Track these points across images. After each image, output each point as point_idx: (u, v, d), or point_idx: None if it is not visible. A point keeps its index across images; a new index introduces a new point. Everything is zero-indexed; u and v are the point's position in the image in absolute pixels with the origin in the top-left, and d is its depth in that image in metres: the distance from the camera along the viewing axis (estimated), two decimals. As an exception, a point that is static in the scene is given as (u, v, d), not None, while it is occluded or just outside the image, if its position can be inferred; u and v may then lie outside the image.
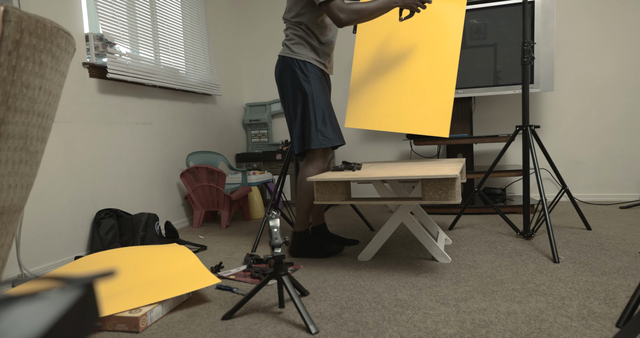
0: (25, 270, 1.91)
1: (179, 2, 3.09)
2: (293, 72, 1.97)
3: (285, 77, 2.00)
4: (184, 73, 3.12)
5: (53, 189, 2.08)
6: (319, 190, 1.82)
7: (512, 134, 2.23)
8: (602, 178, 3.30)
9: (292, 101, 2.01)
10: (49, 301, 0.31)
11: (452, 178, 1.61)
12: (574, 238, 2.17)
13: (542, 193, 2.00)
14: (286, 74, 1.99)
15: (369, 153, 3.80)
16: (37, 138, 0.92)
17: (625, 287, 1.48)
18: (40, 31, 0.83)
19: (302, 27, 1.97)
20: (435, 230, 2.24)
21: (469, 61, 3.04)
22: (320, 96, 1.99)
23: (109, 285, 1.60)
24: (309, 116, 1.96)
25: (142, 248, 1.88)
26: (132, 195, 2.61)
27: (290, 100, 2.01)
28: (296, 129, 2.00)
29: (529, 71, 2.12)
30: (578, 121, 3.32)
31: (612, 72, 3.23)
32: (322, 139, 1.96)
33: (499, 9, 2.94)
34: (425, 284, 1.62)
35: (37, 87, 0.87)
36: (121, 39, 2.46)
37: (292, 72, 1.98)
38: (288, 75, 1.99)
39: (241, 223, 3.09)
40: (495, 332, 1.20)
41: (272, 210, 1.50)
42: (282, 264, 1.38)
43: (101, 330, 1.37)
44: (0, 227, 0.87)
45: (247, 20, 4.08)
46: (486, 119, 3.51)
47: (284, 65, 1.99)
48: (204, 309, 1.50)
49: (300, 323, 1.33)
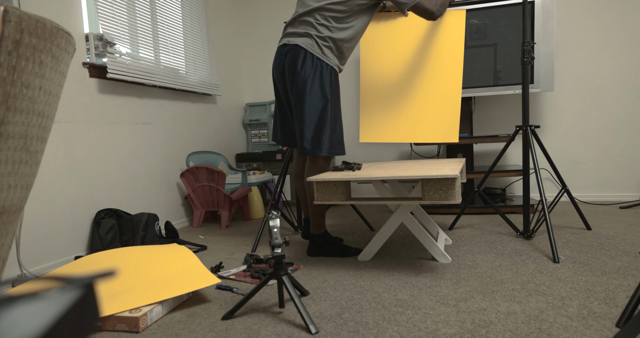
0: (25, 270, 1.91)
1: (179, 2, 3.09)
2: (322, 75, 1.97)
3: (312, 75, 1.97)
4: (184, 73, 3.12)
5: (53, 189, 2.08)
6: (319, 190, 1.82)
7: (512, 134, 2.23)
8: (602, 178, 3.30)
9: (312, 100, 1.98)
10: (49, 301, 0.31)
11: (452, 178, 1.61)
12: (574, 238, 2.17)
13: (542, 193, 2.00)
14: (314, 73, 1.97)
15: (369, 153, 3.80)
16: (37, 138, 0.92)
17: (625, 287, 1.48)
18: (40, 31, 0.83)
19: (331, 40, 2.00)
20: (435, 230, 2.24)
21: (469, 61, 3.04)
22: (338, 104, 2.05)
23: (109, 285, 1.60)
24: (326, 122, 1.97)
25: (142, 248, 1.88)
26: (132, 195, 2.61)
27: (311, 99, 1.98)
28: (309, 130, 1.98)
29: (529, 71, 2.12)
30: (578, 121, 3.32)
31: (612, 72, 3.23)
32: (334, 148, 2.01)
33: (499, 9, 2.94)
34: (425, 284, 1.62)
35: (37, 87, 0.87)
36: (121, 39, 2.46)
37: (321, 75, 1.97)
38: (317, 76, 1.97)
39: (241, 223, 3.09)
40: (495, 332, 1.20)
41: (272, 210, 1.50)
42: (282, 264, 1.39)
43: (101, 330, 1.37)
44: (0, 227, 0.87)
45: (247, 20, 4.08)
46: (486, 119, 3.51)
47: (313, 63, 1.97)
48: (204, 309, 1.50)
49: (300, 323, 1.33)
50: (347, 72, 3.81)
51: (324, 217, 2.09)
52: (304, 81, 1.97)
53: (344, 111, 3.84)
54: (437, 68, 2.30)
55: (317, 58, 1.97)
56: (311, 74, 1.96)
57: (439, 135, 2.30)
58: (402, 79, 2.36)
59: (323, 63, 1.97)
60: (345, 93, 3.83)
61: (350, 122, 3.84)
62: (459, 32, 2.25)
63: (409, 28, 2.35)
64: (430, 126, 2.32)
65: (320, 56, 1.97)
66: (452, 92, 2.27)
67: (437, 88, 2.31)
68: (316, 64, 1.97)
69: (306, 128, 1.98)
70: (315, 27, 1.97)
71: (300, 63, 1.96)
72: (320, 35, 1.97)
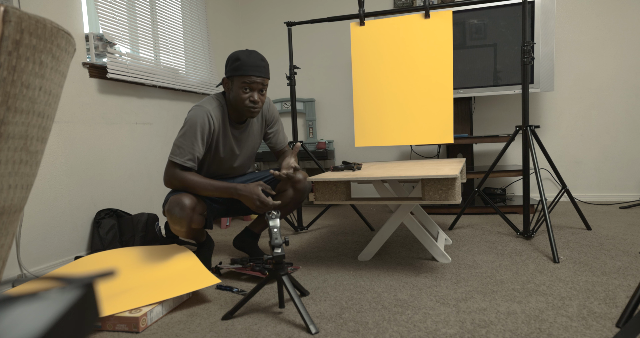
0: (25, 270, 1.91)
1: (179, 2, 3.09)
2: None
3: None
4: (184, 73, 3.12)
5: (53, 189, 2.08)
6: (319, 190, 1.82)
7: (512, 134, 2.23)
8: (602, 178, 3.30)
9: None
10: (49, 301, 0.31)
11: (452, 178, 1.61)
12: (574, 238, 2.17)
13: (542, 193, 2.00)
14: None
15: (369, 153, 3.80)
16: (37, 138, 0.92)
17: (625, 287, 1.48)
18: (41, 31, 0.83)
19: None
20: (435, 230, 2.24)
21: (469, 61, 3.04)
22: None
23: (109, 285, 1.60)
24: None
25: (142, 248, 1.88)
26: (132, 195, 2.61)
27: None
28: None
29: (529, 71, 2.12)
30: (578, 121, 3.32)
31: (612, 72, 3.23)
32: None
33: (499, 9, 2.94)
34: (425, 284, 1.62)
35: (37, 88, 0.87)
36: (121, 39, 2.46)
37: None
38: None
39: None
40: (495, 332, 1.20)
41: (272, 210, 1.50)
42: (282, 264, 1.38)
43: (101, 330, 1.37)
44: (0, 227, 0.87)
45: (247, 20, 4.08)
46: (486, 119, 3.51)
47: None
48: (204, 309, 1.50)
49: (300, 323, 1.33)
50: (341, 75, 3.81)
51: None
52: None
53: (342, 113, 3.84)
54: (427, 70, 2.35)
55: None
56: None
57: (434, 136, 2.35)
58: (394, 82, 2.41)
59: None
60: (342, 96, 3.83)
61: (350, 123, 3.84)
62: (447, 33, 2.30)
63: (397, 31, 2.38)
64: (424, 127, 2.37)
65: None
66: (444, 93, 2.32)
67: (428, 89, 2.35)
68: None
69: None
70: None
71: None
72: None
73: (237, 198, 1.78)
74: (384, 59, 2.41)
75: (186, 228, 1.77)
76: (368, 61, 2.44)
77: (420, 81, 2.35)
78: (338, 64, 3.83)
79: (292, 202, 1.98)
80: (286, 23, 2.62)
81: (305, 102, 3.84)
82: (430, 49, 2.33)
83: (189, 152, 1.77)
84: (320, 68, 3.88)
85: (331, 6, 3.80)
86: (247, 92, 1.80)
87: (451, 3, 2.38)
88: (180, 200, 1.73)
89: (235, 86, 1.81)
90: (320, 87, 3.89)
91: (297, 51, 3.93)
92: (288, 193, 1.97)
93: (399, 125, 2.41)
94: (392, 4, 3.64)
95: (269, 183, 2.03)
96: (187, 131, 1.78)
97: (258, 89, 1.81)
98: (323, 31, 3.85)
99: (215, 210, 2.01)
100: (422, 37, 2.34)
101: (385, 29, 2.40)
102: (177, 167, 1.78)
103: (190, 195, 1.76)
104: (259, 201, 1.75)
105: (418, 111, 2.37)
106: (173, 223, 1.76)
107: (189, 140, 1.78)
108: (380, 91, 2.43)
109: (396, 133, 2.41)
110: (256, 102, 1.81)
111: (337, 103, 3.86)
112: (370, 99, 2.45)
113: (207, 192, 1.79)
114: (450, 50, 2.29)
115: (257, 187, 1.76)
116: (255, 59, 1.78)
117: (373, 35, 2.42)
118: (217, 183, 1.78)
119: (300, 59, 3.92)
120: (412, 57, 2.37)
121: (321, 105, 3.90)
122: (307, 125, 3.86)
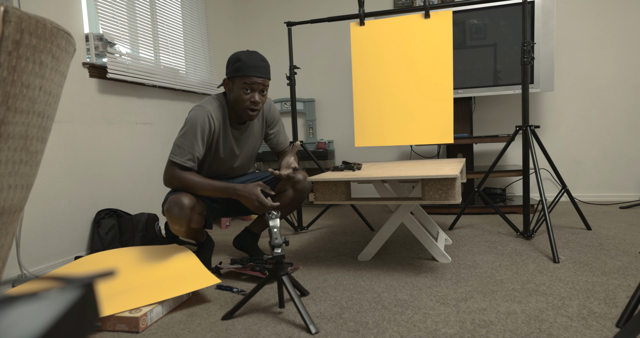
0: (25, 270, 1.91)
1: (179, 2, 3.09)
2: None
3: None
4: (184, 73, 3.12)
5: (53, 189, 2.08)
6: (319, 190, 1.82)
7: (512, 134, 2.23)
8: (602, 178, 3.30)
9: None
10: (49, 301, 0.31)
11: (452, 178, 1.61)
12: (574, 238, 2.17)
13: (542, 193, 2.00)
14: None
15: (369, 153, 3.80)
16: (37, 138, 0.92)
17: (625, 287, 1.48)
18: (41, 31, 0.83)
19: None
20: (435, 230, 2.24)
21: (469, 61, 3.04)
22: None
23: (109, 285, 1.60)
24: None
25: (142, 248, 1.88)
26: (132, 195, 2.61)
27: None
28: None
29: (529, 71, 2.12)
30: (578, 121, 3.32)
31: (612, 72, 3.23)
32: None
33: (499, 9, 2.94)
34: (425, 284, 1.62)
35: (37, 88, 0.87)
36: (121, 39, 2.46)
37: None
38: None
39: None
40: (495, 332, 1.20)
41: (272, 210, 1.50)
42: (282, 264, 1.38)
43: (101, 330, 1.37)
44: (0, 227, 0.87)
45: (247, 20, 4.08)
46: (486, 119, 3.51)
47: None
48: (204, 309, 1.50)
49: (300, 323, 1.33)
50: (341, 75, 3.81)
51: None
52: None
53: (342, 113, 3.84)
54: (427, 70, 2.36)
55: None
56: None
57: (434, 136, 2.35)
58: (394, 82, 2.41)
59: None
60: (342, 96, 3.83)
61: (350, 123, 3.84)
62: (447, 33, 2.30)
63: (398, 31, 2.38)
64: (424, 127, 2.37)
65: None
66: (444, 93, 2.33)
67: (428, 89, 2.35)
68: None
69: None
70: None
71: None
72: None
73: (236, 198, 1.78)
74: (384, 59, 2.41)
75: (185, 227, 1.77)
76: (368, 61, 2.44)
77: (421, 81, 2.36)
78: (338, 64, 3.83)
79: (292, 202, 1.98)
80: (286, 23, 2.62)
81: (305, 102, 3.84)
82: (430, 49, 2.33)
83: (189, 152, 1.77)
84: (320, 68, 3.88)
85: (331, 6, 3.80)
86: (248, 93, 1.80)
87: (451, 3, 2.38)
88: (179, 200, 1.73)
89: (236, 86, 1.81)
90: (320, 87, 3.89)
91: (297, 51, 3.93)
92: (288, 193, 1.97)
93: (399, 125, 2.41)
94: (392, 4, 3.65)
95: (269, 183, 2.02)
96: (188, 131, 1.78)
97: (259, 89, 1.81)
98: (323, 31, 3.85)
99: (215, 210, 2.01)
100: (422, 37, 2.34)
101: (385, 29, 2.40)
102: (177, 167, 1.78)
103: (189, 195, 1.76)
104: (257, 202, 1.75)
105: (418, 111, 2.37)
106: (172, 222, 1.76)
107: (189, 140, 1.78)
108: (380, 91, 2.43)
109: (396, 133, 2.42)
110: (257, 102, 1.81)
111: (337, 103, 3.86)
112: (370, 99, 2.45)
113: (206, 192, 1.79)
114: (450, 50, 2.30)
115: (256, 187, 1.76)
116: (256, 60, 1.78)
117: (373, 35, 2.42)
118: (217, 183, 1.78)
119: (300, 59, 3.92)
120: (412, 57, 2.37)
121: (321, 105, 3.90)
122: (307, 125, 3.86)
